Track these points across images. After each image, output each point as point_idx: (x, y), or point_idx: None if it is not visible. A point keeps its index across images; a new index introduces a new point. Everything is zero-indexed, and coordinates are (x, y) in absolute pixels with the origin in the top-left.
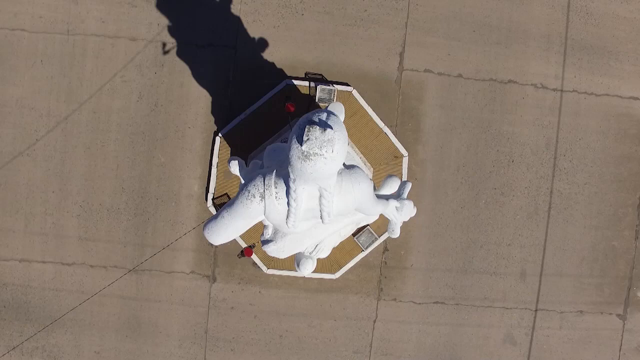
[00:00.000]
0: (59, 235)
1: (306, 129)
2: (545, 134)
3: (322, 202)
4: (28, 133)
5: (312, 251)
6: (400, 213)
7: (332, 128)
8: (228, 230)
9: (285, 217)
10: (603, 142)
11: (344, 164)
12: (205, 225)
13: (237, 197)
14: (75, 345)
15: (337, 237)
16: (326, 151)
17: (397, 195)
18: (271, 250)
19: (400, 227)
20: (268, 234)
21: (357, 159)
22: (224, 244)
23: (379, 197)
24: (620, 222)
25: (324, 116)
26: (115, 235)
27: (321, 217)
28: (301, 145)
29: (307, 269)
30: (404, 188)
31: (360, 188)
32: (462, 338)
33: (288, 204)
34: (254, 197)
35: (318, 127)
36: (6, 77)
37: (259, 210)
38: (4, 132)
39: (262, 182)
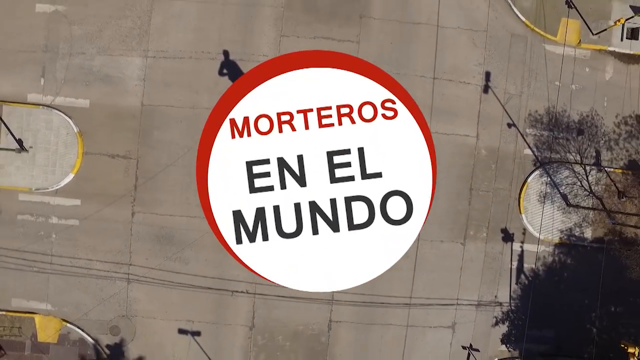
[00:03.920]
0: (188, 204)
1: None
2: None
3: None
4: (173, 155)
5: None
6: None
7: None
8: None
9: None
10: (451, 158)
11: None
12: None
13: None
14: (196, 256)
15: None
16: None
17: None
18: None
19: None
20: None
21: None
22: None
23: None
24: (460, 197)
25: None
26: None
27: None
28: None
29: None
30: None
31: None
32: None
33: None
34: None
35: None
36: (164, 128)
37: None
38: (160, 156)
39: None
